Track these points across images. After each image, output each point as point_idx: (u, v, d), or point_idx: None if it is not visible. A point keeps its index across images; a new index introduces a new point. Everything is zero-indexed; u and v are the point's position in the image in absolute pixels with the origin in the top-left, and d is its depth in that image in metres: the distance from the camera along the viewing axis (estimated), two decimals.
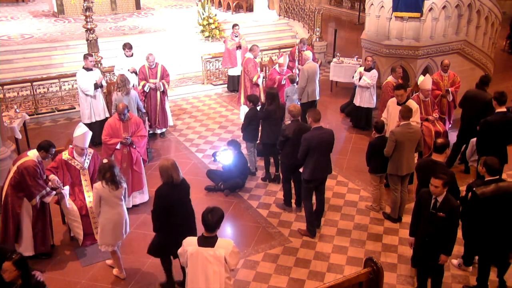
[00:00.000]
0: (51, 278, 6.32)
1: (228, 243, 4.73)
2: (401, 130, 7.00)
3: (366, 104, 10.26)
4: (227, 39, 12.56)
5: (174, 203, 5.51)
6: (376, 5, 10.25)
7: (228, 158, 8.19)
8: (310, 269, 6.48)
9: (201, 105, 12.16)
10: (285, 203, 7.82)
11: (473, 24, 10.34)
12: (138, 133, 7.63)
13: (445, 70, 9.43)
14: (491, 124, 7.30)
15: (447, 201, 5.33)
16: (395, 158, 7.04)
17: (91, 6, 9.80)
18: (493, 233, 5.61)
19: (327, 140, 6.87)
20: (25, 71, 12.42)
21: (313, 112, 6.93)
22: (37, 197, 6.26)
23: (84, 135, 6.57)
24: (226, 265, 4.64)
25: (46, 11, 18.13)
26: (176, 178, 5.49)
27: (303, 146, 6.77)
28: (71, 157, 6.68)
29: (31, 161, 6.23)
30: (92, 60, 9.50)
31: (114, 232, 5.99)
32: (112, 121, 7.61)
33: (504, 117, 7.31)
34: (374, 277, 4.82)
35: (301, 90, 9.74)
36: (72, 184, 6.73)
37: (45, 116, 11.28)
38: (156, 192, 5.62)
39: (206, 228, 4.65)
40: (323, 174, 7.02)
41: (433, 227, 5.41)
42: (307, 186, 7.03)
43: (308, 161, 6.83)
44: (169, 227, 5.58)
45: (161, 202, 5.52)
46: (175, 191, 5.52)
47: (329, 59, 14.56)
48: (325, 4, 23.77)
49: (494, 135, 7.28)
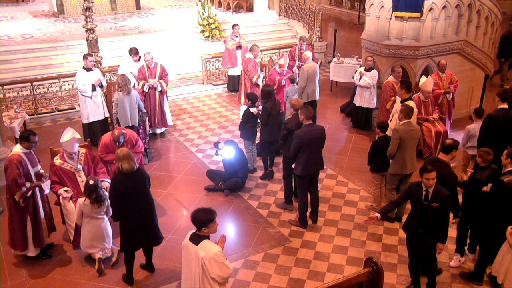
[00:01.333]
0: (51, 278, 6.34)
1: (212, 248, 4.66)
2: (404, 128, 7.02)
3: (366, 104, 10.26)
4: (227, 39, 12.56)
5: (128, 191, 5.73)
6: (376, 5, 10.24)
7: (230, 153, 8.17)
8: (310, 269, 6.48)
9: (201, 105, 12.16)
10: (285, 201, 7.83)
11: (473, 24, 10.33)
12: (134, 150, 7.37)
13: (443, 70, 9.45)
14: (493, 119, 7.37)
15: (438, 192, 5.55)
16: (399, 157, 7.05)
17: (91, 6, 9.79)
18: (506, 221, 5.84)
19: (319, 136, 7.02)
20: (25, 71, 12.41)
21: (305, 110, 7.03)
22: (18, 193, 6.18)
23: (70, 141, 6.52)
24: (205, 268, 4.63)
25: (46, 11, 18.12)
26: (126, 167, 5.71)
27: (295, 143, 6.90)
28: (63, 161, 6.66)
29: (15, 155, 6.23)
30: (92, 60, 9.49)
31: (93, 241, 6.40)
32: (108, 142, 7.38)
33: (506, 113, 7.40)
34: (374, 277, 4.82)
35: (301, 90, 9.74)
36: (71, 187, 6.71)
37: (45, 116, 11.28)
38: (111, 179, 5.97)
39: (194, 225, 4.77)
40: (315, 169, 7.18)
41: (426, 218, 5.60)
42: (301, 182, 7.18)
43: (300, 157, 6.97)
44: (126, 216, 5.84)
45: (114, 188, 5.81)
46: (128, 179, 5.75)
47: (329, 59, 14.56)
48: (325, 4, 23.76)
49: (495, 130, 7.34)
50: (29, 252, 6.57)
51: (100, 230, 6.40)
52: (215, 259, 4.62)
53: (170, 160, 9.39)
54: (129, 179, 5.75)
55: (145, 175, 6.02)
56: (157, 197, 8.10)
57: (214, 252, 4.63)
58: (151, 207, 6.04)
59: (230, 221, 7.51)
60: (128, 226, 5.90)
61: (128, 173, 5.74)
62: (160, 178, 8.70)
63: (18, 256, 6.70)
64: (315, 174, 7.25)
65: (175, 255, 6.67)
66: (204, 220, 4.69)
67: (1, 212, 7.69)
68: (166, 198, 8.12)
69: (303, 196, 7.26)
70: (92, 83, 9.32)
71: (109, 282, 6.27)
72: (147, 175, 6.07)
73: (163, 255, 6.72)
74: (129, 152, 5.84)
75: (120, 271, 6.39)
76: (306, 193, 7.27)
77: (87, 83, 9.31)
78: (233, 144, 8.26)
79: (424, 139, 8.98)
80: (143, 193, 5.91)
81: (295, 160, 7.05)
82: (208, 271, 4.63)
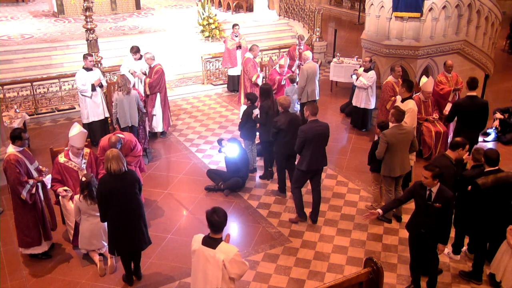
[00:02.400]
0: (51, 278, 6.34)
1: (231, 249, 4.66)
2: (392, 132, 7.02)
3: (363, 104, 10.25)
4: (227, 39, 12.56)
5: (114, 192, 5.67)
6: (376, 5, 10.25)
7: (234, 151, 8.15)
8: (310, 269, 6.48)
9: (201, 105, 12.16)
10: (279, 190, 8.19)
11: (473, 24, 10.33)
12: (132, 154, 7.35)
13: (449, 70, 9.37)
14: (460, 106, 8.09)
15: (442, 192, 5.56)
16: (388, 160, 7.07)
17: (91, 6, 9.79)
18: (490, 220, 5.95)
19: (323, 132, 7.13)
20: (25, 71, 12.41)
21: (311, 106, 7.16)
22: (23, 192, 6.19)
23: (79, 135, 6.56)
24: (225, 271, 4.59)
25: (46, 11, 18.13)
26: (114, 168, 5.65)
27: (300, 138, 7.03)
28: (68, 159, 6.65)
29: (11, 155, 6.22)
30: (91, 60, 9.49)
31: (91, 239, 6.42)
32: (105, 145, 7.11)
33: (472, 100, 7.99)
34: (374, 277, 4.82)
35: (301, 90, 9.74)
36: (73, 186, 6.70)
37: (45, 116, 11.28)
38: (99, 179, 5.97)
39: (213, 228, 4.63)
40: (318, 165, 7.26)
41: (429, 217, 5.62)
42: (302, 176, 7.29)
43: (305, 152, 7.08)
44: (114, 217, 5.78)
45: (100, 188, 5.77)
46: (115, 180, 5.68)
47: (329, 59, 14.55)
48: (325, 4, 23.76)
49: (463, 116, 8.03)
50: (41, 248, 6.58)
51: (98, 228, 6.39)
52: (235, 259, 4.61)
53: (170, 160, 9.40)
54: (116, 181, 5.67)
55: (135, 178, 5.89)
56: (157, 197, 8.10)
57: (234, 253, 4.62)
58: (139, 211, 5.90)
59: (230, 221, 7.49)
60: (114, 228, 5.84)
61: (116, 174, 5.67)
62: (160, 178, 8.70)
63: (18, 256, 6.71)
64: (318, 170, 7.33)
65: (175, 255, 6.67)
66: (226, 219, 4.66)
67: (1, 212, 7.69)
68: (166, 198, 8.12)
69: (297, 193, 7.39)
70: (92, 83, 9.33)
71: (109, 282, 6.27)
72: (137, 178, 5.94)
73: (163, 255, 6.72)
74: (119, 153, 5.78)
75: (120, 271, 6.38)
76: (300, 189, 7.42)
77: (87, 83, 9.31)
78: (237, 142, 8.25)
79: (424, 139, 8.97)
80: (131, 196, 5.79)
81: (300, 155, 7.18)
82: (229, 272, 4.61)
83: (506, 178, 5.90)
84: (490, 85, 11.63)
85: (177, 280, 6.25)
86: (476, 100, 8.02)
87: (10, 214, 7.31)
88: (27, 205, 6.34)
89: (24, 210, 6.37)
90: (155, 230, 7.23)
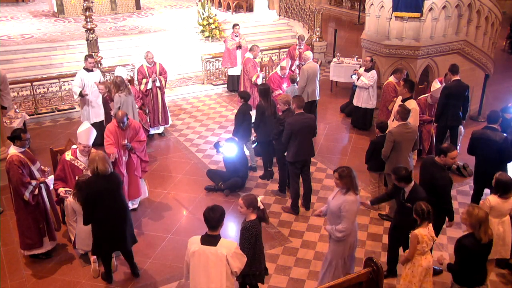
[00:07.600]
0: (51, 278, 6.34)
1: (231, 244, 4.72)
2: (398, 130, 7.01)
3: (364, 104, 10.26)
4: (227, 39, 12.57)
5: (101, 194, 5.67)
6: (376, 5, 10.25)
7: (232, 150, 8.15)
8: (310, 269, 6.48)
9: (201, 105, 12.16)
10: (279, 190, 8.18)
11: (473, 24, 10.33)
12: (137, 138, 7.41)
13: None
14: (449, 89, 8.47)
15: (413, 193, 5.63)
16: (393, 159, 7.05)
17: (91, 6, 9.81)
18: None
19: (309, 124, 7.36)
20: (25, 71, 12.41)
21: (297, 99, 7.41)
22: (26, 193, 6.19)
23: (86, 131, 6.58)
24: (228, 266, 4.62)
25: (46, 11, 18.13)
26: (101, 168, 5.65)
27: (287, 130, 7.24)
28: (74, 157, 6.64)
29: (13, 156, 6.20)
30: (92, 61, 9.49)
31: (87, 240, 6.26)
32: (112, 128, 7.29)
33: (459, 83, 8.53)
34: (374, 277, 4.82)
35: (301, 90, 9.73)
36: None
37: (45, 116, 11.28)
38: (85, 182, 5.93)
39: (209, 226, 4.68)
40: (306, 156, 7.47)
41: (400, 215, 5.85)
42: (292, 168, 7.49)
43: (291, 144, 7.31)
44: (99, 219, 5.76)
45: (86, 190, 5.75)
46: (101, 181, 5.69)
47: (329, 59, 14.56)
48: (325, 4, 23.78)
49: (451, 98, 8.41)
50: (44, 248, 6.57)
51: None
52: (236, 252, 4.67)
53: (170, 160, 9.39)
54: (102, 182, 5.67)
55: (118, 179, 5.95)
56: (157, 197, 8.10)
57: (234, 246, 4.69)
58: (124, 212, 5.94)
59: (230, 221, 7.50)
60: (99, 230, 5.83)
61: (103, 176, 5.67)
62: (160, 178, 8.70)
63: (18, 256, 6.70)
64: (306, 161, 7.53)
65: (175, 255, 6.67)
66: (222, 218, 4.70)
67: (1, 212, 7.69)
68: (166, 198, 8.12)
69: (294, 183, 7.56)
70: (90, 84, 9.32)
71: None
72: (121, 180, 6.05)
73: (163, 255, 6.72)
74: (105, 155, 5.84)
75: (120, 271, 6.40)
76: (298, 180, 7.61)
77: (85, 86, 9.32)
78: (234, 142, 8.25)
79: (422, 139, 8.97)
80: (116, 197, 5.83)
81: (287, 147, 7.37)
82: (231, 266, 4.65)
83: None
84: (490, 85, 11.62)
85: (177, 280, 6.25)
86: (461, 83, 8.57)
87: (10, 214, 7.32)
88: (29, 207, 6.33)
89: (25, 211, 6.36)
90: (155, 230, 7.23)
